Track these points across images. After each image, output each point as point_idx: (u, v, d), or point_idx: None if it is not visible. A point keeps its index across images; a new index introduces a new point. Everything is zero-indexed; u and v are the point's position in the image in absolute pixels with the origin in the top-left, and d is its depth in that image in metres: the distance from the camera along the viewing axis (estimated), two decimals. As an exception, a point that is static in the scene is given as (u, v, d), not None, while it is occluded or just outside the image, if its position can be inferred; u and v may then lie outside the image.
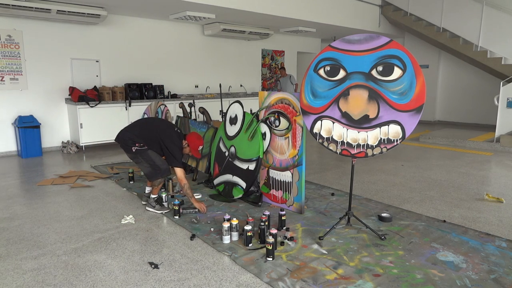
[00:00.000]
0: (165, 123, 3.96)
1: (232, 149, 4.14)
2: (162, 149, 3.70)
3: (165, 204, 3.88)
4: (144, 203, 3.99)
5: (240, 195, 3.98)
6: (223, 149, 4.29)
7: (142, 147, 3.69)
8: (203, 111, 4.97)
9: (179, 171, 3.67)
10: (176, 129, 3.87)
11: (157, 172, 3.74)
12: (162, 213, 3.74)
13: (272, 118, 3.82)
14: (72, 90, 6.87)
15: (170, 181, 4.46)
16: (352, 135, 2.96)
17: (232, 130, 4.20)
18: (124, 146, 3.75)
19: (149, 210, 3.80)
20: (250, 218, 3.17)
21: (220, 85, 6.39)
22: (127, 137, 3.71)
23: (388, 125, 2.81)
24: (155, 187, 3.80)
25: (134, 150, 3.68)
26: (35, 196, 4.33)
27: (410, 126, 2.73)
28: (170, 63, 8.56)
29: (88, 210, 3.86)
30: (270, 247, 2.73)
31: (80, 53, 7.20)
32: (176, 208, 3.59)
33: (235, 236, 3.07)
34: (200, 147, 3.92)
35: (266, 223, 3.10)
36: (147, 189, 4.25)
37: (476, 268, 2.63)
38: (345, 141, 3.01)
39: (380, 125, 2.84)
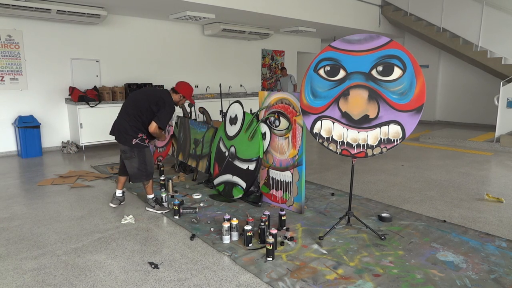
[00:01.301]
0: (151, 89, 3.74)
1: (232, 149, 4.14)
2: (153, 111, 3.56)
3: (165, 204, 3.88)
4: (113, 205, 3.88)
5: (240, 195, 3.98)
6: (223, 149, 4.29)
7: (143, 141, 3.62)
8: (203, 111, 4.97)
9: (154, 125, 3.56)
10: (161, 88, 3.71)
11: (142, 174, 3.68)
12: (162, 213, 3.74)
13: (272, 118, 3.82)
14: (72, 90, 6.87)
15: (170, 181, 4.46)
16: (352, 135, 2.96)
17: (232, 130, 4.20)
18: (124, 137, 3.57)
19: (149, 211, 3.80)
20: (250, 218, 3.17)
21: (220, 85, 6.39)
22: (127, 124, 3.57)
23: (388, 125, 2.81)
24: (147, 186, 3.76)
25: (134, 143, 3.56)
26: (35, 196, 4.33)
27: (410, 126, 2.73)
28: (170, 63, 8.56)
29: (88, 210, 3.86)
30: (270, 247, 2.73)
31: (80, 53, 7.20)
32: (176, 208, 3.59)
33: (235, 236, 3.07)
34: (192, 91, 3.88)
35: (266, 223, 3.10)
36: (118, 192, 3.90)
37: (476, 268, 2.63)
38: (345, 141, 3.01)
39: (380, 125, 2.84)
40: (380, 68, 2.81)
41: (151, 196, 3.80)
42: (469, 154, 6.69)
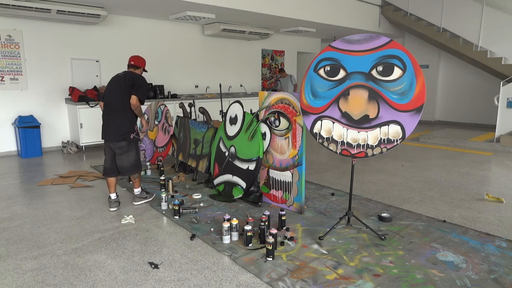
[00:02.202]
0: (119, 77, 3.88)
1: (232, 149, 4.14)
2: (131, 92, 3.74)
3: (165, 204, 3.87)
4: (114, 209, 3.85)
5: (240, 195, 3.98)
6: (223, 149, 4.29)
7: (138, 134, 3.89)
8: (203, 111, 4.97)
9: (135, 98, 3.72)
10: (124, 73, 3.88)
11: (138, 164, 3.93)
12: (151, 199, 4.03)
13: (272, 118, 3.82)
14: (72, 90, 6.87)
15: (170, 181, 4.46)
16: (352, 135, 2.96)
17: (232, 130, 4.20)
18: (122, 135, 3.72)
19: (139, 203, 3.98)
20: (250, 218, 3.17)
21: (220, 85, 6.39)
22: (123, 122, 3.74)
23: (388, 125, 2.81)
24: (137, 179, 3.95)
25: (132, 137, 3.79)
26: (35, 196, 4.32)
27: (410, 126, 2.73)
28: (170, 63, 8.56)
29: (88, 210, 3.86)
30: (270, 247, 2.73)
31: (80, 53, 7.20)
32: (176, 208, 3.59)
33: (235, 236, 3.07)
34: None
35: (266, 223, 3.10)
36: (113, 196, 3.86)
37: (476, 268, 2.63)
38: (345, 141, 3.01)
39: (380, 125, 2.84)
40: (380, 68, 2.81)
41: (138, 189, 4.00)
42: (469, 154, 6.69)
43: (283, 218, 3.30)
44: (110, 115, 3.77)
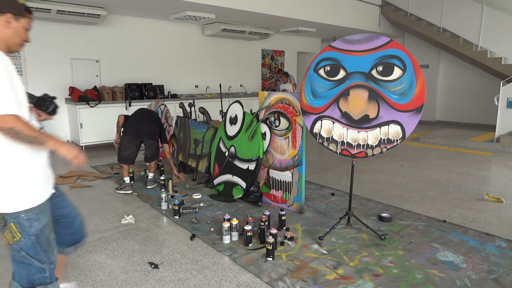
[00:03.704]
0: (145, 114, 4.77)
1: (232, 149, 4.14)
2: (160, 134, 4.79)
3: (165, 203, 3.87)
4: (130, 191, 4.43)
5: (240, 195, 3.98)
6: (223, 149, 4.29)
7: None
8: (203, 111, 4.97)
9: (167, 146, 4.92)
10: (147, 111, 4.82)
11: (158, 153, 4.76)
12: (159, 182, 4.53)
13: (272, 118, 3.82)
14: (72, 90, 6.87)
15: (170, 181, 4.46)
16: (352, 135, 2.96)
17: (232, 130, 4.20)
18: (154, 135, 4.65)
19: (152, 187, 4.58)
20: (250, 218, 3.17)
21: (220, 85, 6.38)
22: (154, 128, 4.66)
23: (388, 125, 2.81)
24: (154, 166, 4.73)
25: (157, 137, 4.75)
26: (35, 196, 4.32)
27: (410, 126, 2.73)
28: (170, 63, 8.56)
29: (88, 210, 3.86)
30: (270, 247, 2.73)
31: (80, 53, 7.20)
32: (176, 208, 3.59)
33: (235, 236, 3.07)
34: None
35: (266, 223, 3.10)
36: (127, 179, 4.54)
37: (476, 268, 2.63)
38: (345, 141, 3.01)
39: (380, 125, 2.84)
40: (380, 68, 2.81)
41: (152, 174, 4.71)
42: (469, 154, 6.69)
43: (283, 218, 3.30)
44: (144, 123, 4.60)
